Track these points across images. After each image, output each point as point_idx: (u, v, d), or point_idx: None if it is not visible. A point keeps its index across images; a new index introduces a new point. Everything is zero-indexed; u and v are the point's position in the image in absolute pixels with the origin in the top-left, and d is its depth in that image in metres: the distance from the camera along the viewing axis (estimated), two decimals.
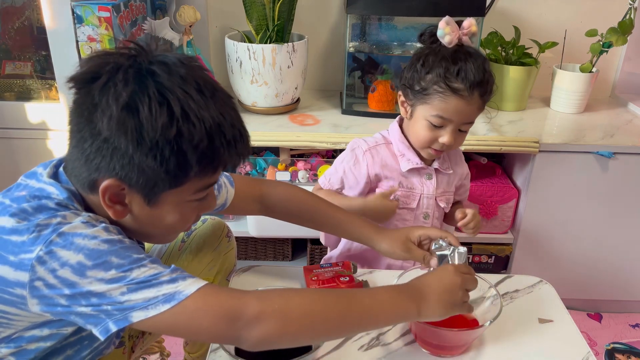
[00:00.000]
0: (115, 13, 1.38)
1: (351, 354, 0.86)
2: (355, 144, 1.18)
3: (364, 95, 1.78)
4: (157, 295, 0.65)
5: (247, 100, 1.66)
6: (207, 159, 0.68)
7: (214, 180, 0.74)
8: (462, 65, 1.03)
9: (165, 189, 0.69)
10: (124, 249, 0.67)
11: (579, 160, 1.56)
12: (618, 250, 1.69)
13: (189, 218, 0.77)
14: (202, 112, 0.66)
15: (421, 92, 1.06)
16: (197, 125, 0.65)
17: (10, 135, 1.67)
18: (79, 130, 0.68)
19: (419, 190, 1.16)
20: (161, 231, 0.76)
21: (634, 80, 1.92)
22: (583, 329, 1.72)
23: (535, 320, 0.94)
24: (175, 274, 0.67)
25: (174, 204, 0.72)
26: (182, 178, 0.68)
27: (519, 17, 1.83)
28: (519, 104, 1.77)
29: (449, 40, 1.04)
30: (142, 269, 0.66)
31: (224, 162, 0.71)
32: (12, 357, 0.74)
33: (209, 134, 0.66)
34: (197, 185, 0.71)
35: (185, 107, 0.65)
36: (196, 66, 0.70)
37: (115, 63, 0.66)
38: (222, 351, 0.80)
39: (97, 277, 0.64)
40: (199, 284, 0.67)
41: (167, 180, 0.68)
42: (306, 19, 1.81)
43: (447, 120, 1.05)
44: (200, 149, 0.66)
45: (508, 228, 1.72)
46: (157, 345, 1.26)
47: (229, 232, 1.13)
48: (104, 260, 0.65)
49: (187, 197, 0.72)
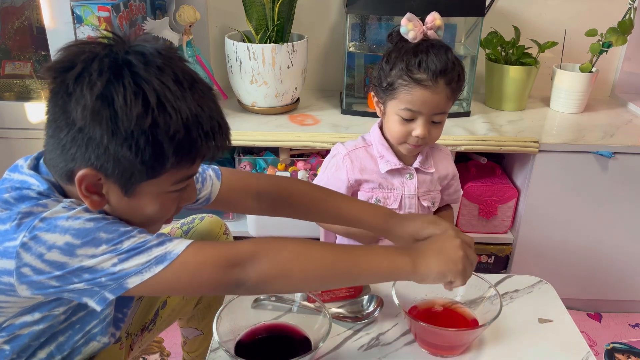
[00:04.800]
0: (114, 13, 1.38)
1: (351, 354, 0.86)
2: (335, 150, 1.20)
3: (364, 95, 1.78)
4: (149, 259, 0.66)
5: (247, 100, 1.66)
6: (183, 150, 0.67)
7: (193, 172, 0.74)
8: (423, 56, 1.04)
9: (142, 180, 0.69)
10: (110, 224, 0.67)
11: (578, 160, 1.56)
12: (618, 250, 1.69)
13: (169, 209, 0.76)
14: (179, 102, 0.65)
15: (388, 88, 1.08)
16: (174, 115, 0.65)
17: (10, 135, 1.67)
18: (54, 120, 0.68)
19: (400, 190, 1.16)
20: (140, 222, 0.75)
21: (634, 80, 1.92)
22: (583, 329, 1.72)
23: (535, 320, 0.94)
24: (161, 238, 0.68)
25: (153, 195, 0.72)
26: (159, 169, 0.68)
27: (519, 17, 1.83)
28: (519, 104, 1.77)
29: (412, 36, 1.06)
30: (132, 239, 0.67)
31: (201, 154, 0.70)
32: (6, 346, 0.74)
33: (186, 125, 0.66)
34: (176, 177, 0.71)
35: (162, 97, 0.64)
36: (175, 57, 0.69)
37: (90, 52, 0.65)
38: (222, 351, 0.80)
39: (89, 254, 0.65)
40: (186, 242, 0.69)
41: (144, 171, 0.67)
42: (306, 19, 1.81)
43: (416, 113, 1.06)
44: (176, 139, 0.66)
45: (508, 228, 1.72)
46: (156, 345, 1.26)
47: (227, 229, 1.14)
48: (93, 237, 0.65)
49: (165, 188, 0.72)
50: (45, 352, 0.78)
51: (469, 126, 1.61)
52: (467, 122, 1.64)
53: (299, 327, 0.86)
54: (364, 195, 1.17)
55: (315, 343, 0.81)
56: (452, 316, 0.90)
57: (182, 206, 0.79)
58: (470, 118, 1.68)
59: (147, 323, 1.04)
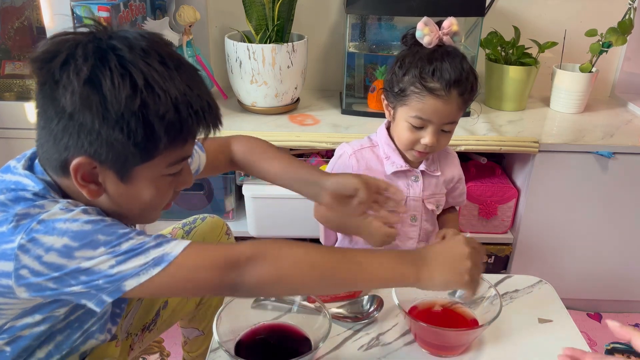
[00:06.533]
0: (115, 13, 1.38)
1: (351, 354, 0.86)
2: (341, 150, 1.19)
3: (364, 95, 1.78)
4: (146, 261, 0.66)
5: (247, 100, 1.66)
6: (175, 130, 0.68)
7: (187, 153, 0.74)
8: (438, 64, 1.02)
9: (137, 164, 0.69)
10: (108, 226, 0.67)
11: (578, 160, 1.56)
12: (618, 250, 1.69)
13: (166, 194, 0.76)
14: (167, 83, 0.66)
15: (400, 94, 1.06)
16: (162, 96, 0.65)
17: (10, 135, 1.67)
18: (44, 111, 0.68)
19: (405, 192, 1.15)
20: (140, 209, 0.75)
21: (634, 80, 1.92)
22: (583, 329, 1.72)
23: (535, 320, 0.94)
24: (159, 240, 0.68)
25: (149, 179, 0.72)
26: (152, 151, 0.68)
27: (519, 17, 1.83)
28: (519, 104, 1.77)
29: (428, 40, 1.04)
30: (130, 241, 0.66)
31: (192, 133, 0.71)
32: (7, 347, 0.74)
33: (175, 105, 0.66)
34: (170, 159, 0.71)
35: (149, 78, 0.65)
36: (159, 40, 0.69)
37: (74, 40, 0.65)
38: (222, 351, 0.80)
39: (86, 256, 0.65)
40: (184, 243, 0.68)
41: (138, 154, 0.67)
42: (306, 19, 1.81)
43: (426, 121, 1.05)
44: (167, 119, 0.66)
45: (508, 228, 1.72)
46: (156, 346, 1.26)
47: (228, 229, 1.14)
48: (91, 239, 0.65)
49: (160, 171, 0.72)
50: (44, 351, 0.78)
51: (468, 126, 1.61)
52: (467, 122, 1.64)
53: (299, 327, 0.86)
54: None
55: (315, 343, 0.81)
56: (452, 316, 0.90)
57: (180, 190, 0.79)
58: (470, 118, 1.68)
59: (147, 323, 1.04)
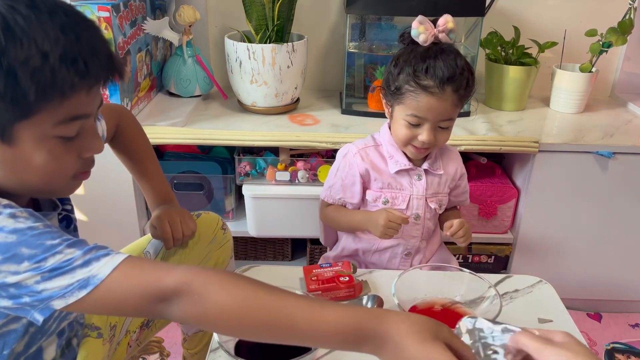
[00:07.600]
0: (114, 13, 1.38)
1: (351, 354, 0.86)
2: (345, 150, 1.20)
3: (364, 95, 1.78)
4: (71, 282, 0.62)
5: (247, 100, 1.66)
6: (44, 79, 0.61)
7: (77, 111, 0.66)
8: (431, 62, 1.03)
9: (14, 121, 0.63)
10: (35, 237, 0.63)
11: (578, 160, 1.56)
12: (618, 250, 1.69)
13: (65, 159, 0.70)
14: (33, 27, 0.60)
15: (396, 93, 1.07)
16: (25, 41, 0.60)
17: None
18: None
19: (409, 191, 1.16)
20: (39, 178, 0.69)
21: (634, 80, 1.92)
22: (583, 329, 1.72)
23: (535, 320, 0.94)
24: (88, 255, 0.63)
25: (34, 139, 0.66)
26: (25, 105, 0.62)
27: (519, 17, 1.83)
28: (519, 104, 1.77)
29: (423, 39, 1.05)
30: (58, 256, 0.62)
31: (73, 85, 0.63)
32: None
33: (42, 52, 0.60)
34: (55, 117, 0.65)
35: (10, 22, 0.60)
36: None
37: None
38: (222, 351, 0.80)
39: (10, 271, 0.61)
40: (114, 262, 0.63)
41: (9, 108, 0.62)
42: (306, 19, 1.81)
43: (422, 119, 1.06)
44: (31, 67, 0.60)
45: (508, 228, 1.72)
46: (156, 345, 1.26)
47: (224, 224, 1.13)
48: (14, 253, 0.61)
49: (47, 131, 0.66)
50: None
51: (468, 126, 1.61)
52: (467, 122, 1.64)
53: None
54: (372, 194, 1.17)
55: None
56: (452, 316, 0.90)
57: (87, 157, 0.73)
58: (470, 118, 1.69)
59: (146, 319, 1.04)
